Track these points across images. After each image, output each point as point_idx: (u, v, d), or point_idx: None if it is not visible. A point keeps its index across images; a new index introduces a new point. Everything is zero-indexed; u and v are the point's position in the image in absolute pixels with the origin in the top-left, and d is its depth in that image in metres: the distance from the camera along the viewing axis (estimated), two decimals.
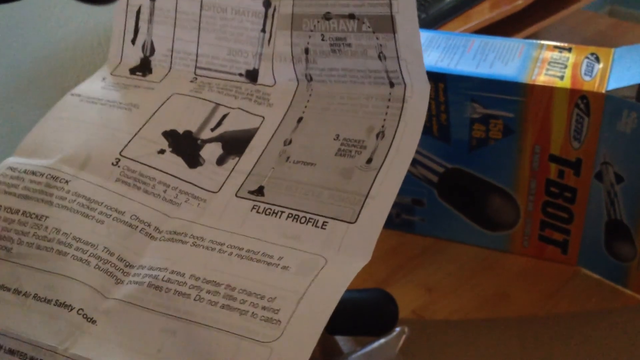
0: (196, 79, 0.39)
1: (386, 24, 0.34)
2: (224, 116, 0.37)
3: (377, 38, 0.34)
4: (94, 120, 0.38)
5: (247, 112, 0.37)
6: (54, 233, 0.33)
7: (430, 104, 0.50)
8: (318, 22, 0.35)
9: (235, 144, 0.36)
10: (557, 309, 0.51)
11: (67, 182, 0.35)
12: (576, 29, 0.88)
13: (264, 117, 0.37)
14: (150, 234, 0.34)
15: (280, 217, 0.33)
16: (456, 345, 0.48)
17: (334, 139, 0.35)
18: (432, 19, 0.84)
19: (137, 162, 0.36)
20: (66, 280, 0.32)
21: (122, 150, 0.36)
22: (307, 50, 0.36)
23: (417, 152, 0.53)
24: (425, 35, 0.53)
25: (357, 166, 0.34)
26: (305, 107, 0.37)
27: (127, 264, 0.33)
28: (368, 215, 0.32)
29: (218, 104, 0.38)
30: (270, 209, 0.33)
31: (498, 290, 0.52)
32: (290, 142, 0.35)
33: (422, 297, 0.52)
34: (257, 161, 0.35)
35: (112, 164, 0.36)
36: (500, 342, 0.48)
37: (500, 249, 0.55)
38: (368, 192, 0.32)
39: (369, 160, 0.33)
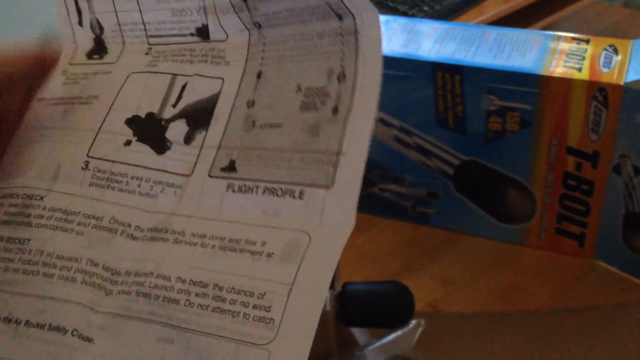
0: (151, 49, 0.37)
1: None
2: (183, 87, 0.36)
3: None
4: (59, 124, 0.37)
5: (205, 76, 0.36)
6: (38, 255, 0.33)
7: (446, 95, 0.50)
8: None
9: (199, 117, 0.35)
10: (573, 302, 0.50)
11: (41, 198, 0.34)
12: (592, 20, 0.88)
13: (223, 79, 0.35)
14: (131, 235, 0.33)
15: (256, 193, 0.32)
16: (471, 338, 0.48)
17: (296, 91, 0.33)
18: (446, 11, 0.84)
19: (106, 160, 0.35)
20: (56, 303, 0.31)
21: (89, 151, 0.35)
22: None
23: (432, 144, 0.53)
24: (441, 26, 0.52)
25: (323, 119, 0.32)
26: (262, 58, 0.35)
27: (114, 271, 0.32)
28: (343, 176, 0.30)
29: (175, 75, 0.36)
30: (245, 185, 0.32)
31: (514, 284, 0.52)
32: (253, 103, 0.34)
33: (438, 289, 0.52)
34: (224, 132, 0.34)
35: (82, 168, 0.35)
36: (515, 335, 0.48)
37: (516, 242, 0.55)
38: (339, 149, 0.31)
39: (335, 110, 0.32)
